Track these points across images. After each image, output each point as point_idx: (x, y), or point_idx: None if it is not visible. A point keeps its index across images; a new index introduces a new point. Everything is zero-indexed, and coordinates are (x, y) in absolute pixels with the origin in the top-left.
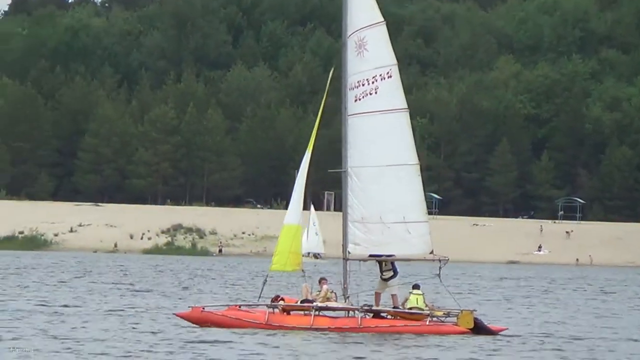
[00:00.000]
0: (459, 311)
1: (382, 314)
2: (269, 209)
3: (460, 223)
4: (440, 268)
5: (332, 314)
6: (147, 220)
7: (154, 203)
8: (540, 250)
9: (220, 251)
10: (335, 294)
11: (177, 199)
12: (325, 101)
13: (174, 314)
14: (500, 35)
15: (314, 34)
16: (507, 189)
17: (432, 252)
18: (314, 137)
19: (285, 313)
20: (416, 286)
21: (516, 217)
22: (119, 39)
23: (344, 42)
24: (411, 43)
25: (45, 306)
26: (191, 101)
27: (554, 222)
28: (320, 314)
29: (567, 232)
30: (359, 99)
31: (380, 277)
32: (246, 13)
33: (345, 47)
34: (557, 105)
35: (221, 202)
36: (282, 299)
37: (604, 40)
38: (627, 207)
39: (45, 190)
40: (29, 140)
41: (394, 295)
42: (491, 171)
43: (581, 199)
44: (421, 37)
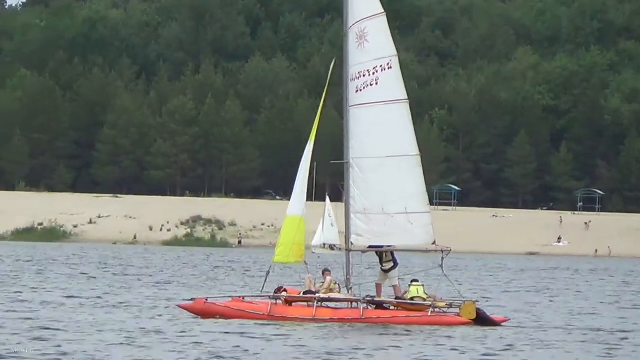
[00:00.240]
0: (461, 302)
1: (384, 305)
2: (288, 200)
3: (480, 214)
4: (442, 259)
5: (335, 305)
6: (167, 212)
7: (172, 194)
8: (559, 242)
9: (240, 243)
10: (339, 285)
11: (196, 190)
12: (326, 93)
13: (177, 305)
14: (519, 26)
15: (332, 25)
16: (526, 180)
17: (434, 243)
18: (315, 128)
19: (288, 304)
20: (415, 280)
21: (535, 209)
22: (137, 31)
23: (345, 34)
24: (430, 34)
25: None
26: (209, 92)
27: (573, 214)
28: (323, 305)
29: (585, 224)
30: (360, 90)
31: (381, 268)
32: (264, 5)
33: (347, 38)
34: (576, 96)
35: (240, 194)
36: (284, 290)
37: (622, 31)
38: None
39: (64, 182)
40: (47, 132)
41: (395, 286)
42: (510, 162)
43: (600, 191)
44: (440, 28)
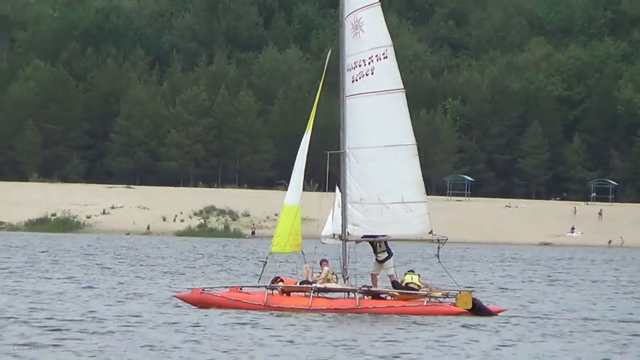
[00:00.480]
0: (457, 292)
1: (381, 295)
2: None
3: (493, 205)
4: (439, 248)
5: (331, 295)
6: (180, 203)
7: (185, 185)
8: (573, 232)
9: (253, 233)
10: (336, 275)
11: (209, 181)
12: (323, 83)
13: (174, 296)
14: (532, 16)
15: None
16: (539, 170)
17: (431, 232)
18: (312, 118)
19: (284, 294)
20: (411, 270)
21: (548, 199)
22: (150, 21)
23: (341, 24)
24: (443, 25)
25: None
26: (223, 83)
27: (587, 204)
28: (319, 295)
29: (598, 213)
30: (356, 80)
31: (375, 258)
32: None
33: (343, 28)
34: (589, 87)
35: (253, 184)
36: (281, 280)
37: (636, 22)
38: None
39: (77, 172)
40: (61, 122)
41: (391, 276)
42: (523, 153)
43: (613, 181)
44: (453, 19)
